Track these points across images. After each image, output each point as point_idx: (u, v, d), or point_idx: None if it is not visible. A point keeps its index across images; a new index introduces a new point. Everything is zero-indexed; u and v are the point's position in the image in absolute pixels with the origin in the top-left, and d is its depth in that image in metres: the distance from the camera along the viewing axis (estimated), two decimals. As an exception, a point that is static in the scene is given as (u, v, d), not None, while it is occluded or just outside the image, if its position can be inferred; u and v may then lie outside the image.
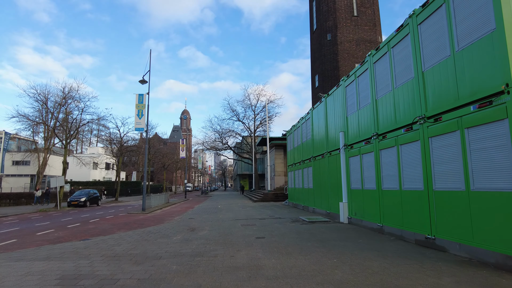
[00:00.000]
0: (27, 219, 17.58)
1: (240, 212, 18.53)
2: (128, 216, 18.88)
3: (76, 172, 60.74)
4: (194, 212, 20.00)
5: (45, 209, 24.64)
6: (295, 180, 22.13)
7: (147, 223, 14.62)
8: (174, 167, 77.00)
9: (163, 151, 65.83)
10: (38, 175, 45.03)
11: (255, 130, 50.83)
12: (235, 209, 20.90)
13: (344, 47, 36.46)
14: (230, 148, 55.59)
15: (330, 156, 14.81)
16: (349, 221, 12.54)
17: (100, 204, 30.84)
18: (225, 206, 24.76)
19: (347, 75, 13.01)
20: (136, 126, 23.37)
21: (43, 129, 34.73)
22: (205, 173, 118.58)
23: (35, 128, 36.76)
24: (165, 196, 31.74)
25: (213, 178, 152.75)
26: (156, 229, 12.10)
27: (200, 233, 10.76)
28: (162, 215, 19.31)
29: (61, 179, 26.18)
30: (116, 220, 16.44)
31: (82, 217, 18.27)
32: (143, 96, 23.59)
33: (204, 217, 16.45)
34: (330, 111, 15.09)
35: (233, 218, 15.29)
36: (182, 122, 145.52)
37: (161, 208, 25.32)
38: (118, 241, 9.42)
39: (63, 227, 13.38)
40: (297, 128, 21.67)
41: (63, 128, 29.67)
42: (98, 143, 75.58)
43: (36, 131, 38.65)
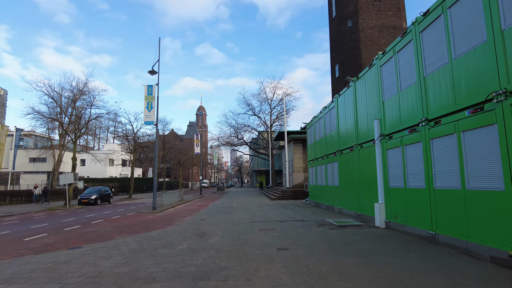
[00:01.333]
0: (27, 219, 16.37)
1: (257, 213, 16.74)
2: (136, 216, 17.42)
3: (92, 169, 60.62)
4: (208, 211, 18.37)
5: (53, 207, 23.59)
6: (317, 177, 20.15)
7: (153, 226, 13.04)
8: (190, 163, 76.02)
9: (178, 147, 64.84)
10: (54, 172, 44.81)
11: (272, 125, 48.94)
12: (252, 209, 19.14)
13: (366, 34, 34.01)
14: (246, 144, 53.93)
15: (361, 149, 12.79)
16: (387, 226, 10.54)
17: (112, 202, 29.74)
18: (240, 204, 23.05)
19: (383, 52, 10.95)
20: (145, 119, 21.89)
21: (58, 126, 34.00)
22: (221, 169, 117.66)
23: (50, 125, 36.11)
24: (179, 193, 30.35)
25: (229, 174, 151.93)
26: (160, 234, 10.46)
27: (210, 241, 9.03)
28: (173, 215, 17.76)
29: (70, 176, 25.08)
30: (121, 221, 14.96)
31: (86, 217, 16.91)
32: (152, 87, 22.08)
33: (217, 218, 14.75)
34: (360, 96, 13.04)
35: (249, 220, 13.52)
36: (198, 118, 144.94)
37: (173, 207, 23.88)
38: (111, 251, 7.79)
39: (59, 230, 11.95)
40: (318, 120, 19.65)
41: (73, 124, 28.61)
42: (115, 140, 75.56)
43: (51, 128, 38.08)
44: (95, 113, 32.54)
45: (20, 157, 46.55)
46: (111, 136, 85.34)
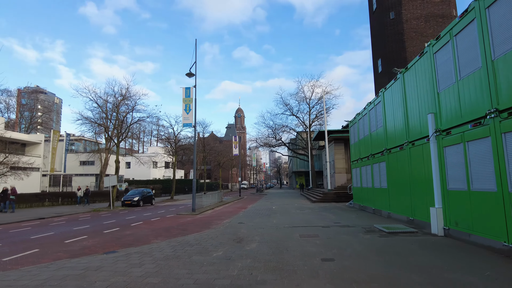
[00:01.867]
0: (73, 221, 16.90)
1: (297, 216, 15.92)
2: (176, 218, 17.35)
3: (137, 171, 63.04)
4: (246, 214, 17.86)
5: (98, 209, 24.43)
6: (361, 178, 18.88)
7: (191, 229, 12.73)
8: (229, 164, 76.58)
9: (217, 148, 65.51)
10: (101, 174, 47.07)
11: (310, 125, 47.62)
12: (292, 212, 18.34)
13: (411, 25, 31.80)
14: (284, 144, 53.03)
15: (412, 147, 11.54)
16: (446, 233, 9.27)
17: (154, 204, 30.35)
18: (280, 207, 22.31)
19: (437, 37, 9.70)
20: (184, 121, 21.96)
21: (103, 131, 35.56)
22: (260, 170, 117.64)
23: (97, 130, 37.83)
24: (218, 195, 30.28)
25: (268, 176, 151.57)
26: (197, 238, 10.05)
27: (248, 247, 8.43)
28: (211, 217, 17.47)
29: (114, 178, 25.88)
30: (160, 223, 14.88)
31: (126, 219, 17.12)
32: (190, 90, 22.09)
33: (255, 221, 14.16)
34: (410, 89, 11.79)
35: (289, 225, 12.76)
36: (237, 120, 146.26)
37: (212, 208, 23.73)
38: (144, 257, 7.45)
39: (99, 233, 12.01)
40: (362, 117, 18.40)
41: (116, 128, 29.60)
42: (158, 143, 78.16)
43: (98, 133, 39.95)
44: (136, 117, 33.46)
45: (71, 161, 49.56)
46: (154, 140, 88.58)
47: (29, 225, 15.23)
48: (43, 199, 27.63)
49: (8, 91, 53.70)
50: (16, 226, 15.10)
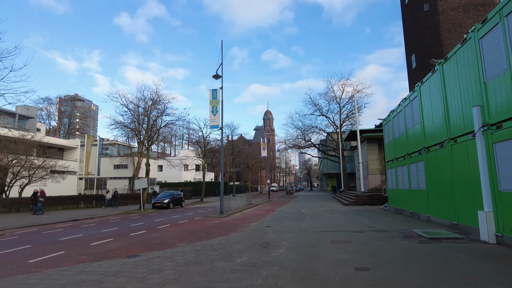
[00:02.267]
0: (103, 223, 17.11)
1: (328, 220, 15.14)
2: (203, 220, 17.12)
3: (169, 174, 64.32)
4: (275, 217, 17.29)
5: (129, 211, 24.81)
6: (397, 179, 17.73)
7: (217, 232, 12.37)
8: (258, 167, 76.33)
9: (246, 151, 65.43)
10: (134, 177, 48.33)
11: (341, 125, 46.19)
12: (322, 215, 17.54)
13: (447, 16, 29.90)
14: (314, 145, 51.83)
15: (454, 144, 10.50)
16: (499, 241, 8.22)
17: (184, 206, 30.50)
18: (310, 210, 21.53)
19: (482, 21, 8.70)
20: (211, 123, 21.80)
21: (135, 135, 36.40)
22: (290, 172, 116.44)
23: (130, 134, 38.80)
24: (247, 197, 29.92)
25: (298, 178, 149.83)
26: (221, 242, 9.64)
27: (274, 253, 7.88)
28: (239, 220, 17.08)
29: (144, 181, 26.23)
30: (187, 226, 14.66)
31: (155, 221, 17.10)
32: (216, 91, 21.92)
33: (284, 225, 13.56)
34: (450, 81, 10.75)
35: (319, 229, 12.06)
36: (265, 122, 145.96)
37: (241, 211, 23.37)
38: (165, 263, 7.12)
39: (125, 236, 11.93)
40: (397, 114, 17.30)
41: (146, 132, 30.07)
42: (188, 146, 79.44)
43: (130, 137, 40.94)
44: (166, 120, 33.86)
45: (105, 164, 51.33)
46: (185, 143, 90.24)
47: (61, 227, 15.56)
48: (78, 201, 28.57)
49: (49, 99, 56.87)
50: (50, 227, 15.47)
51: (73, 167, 41.64)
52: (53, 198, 26.42)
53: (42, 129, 46.15)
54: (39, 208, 22.24)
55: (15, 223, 17.20)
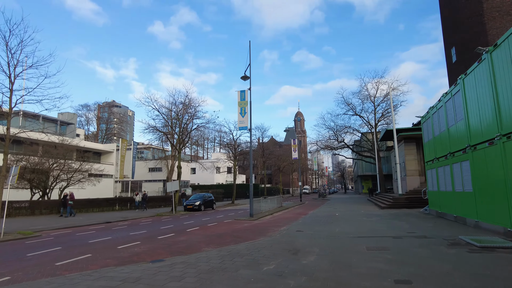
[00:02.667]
0: (134, 225, 17.27)
1: (363, 224, 14.24)
2: (232, 223, 16.80)
3: (201, 177, 65.16)
4: (306, 220, 16.61)
5: (161, 213, 25.09)
6: (438, 181, 16.41)
7: (245, 236, 11.95)
8: (290, 169, 75.41)
9: (276, 153, 64.73)
10: (167, 180, 49.37)
11: (376, 124, 44.34)
12: (357, 219, 16.60)
13: (493, 3, 27.64)
14: (348, 146, 50.12)
15: (507, 141, 9.35)
16: None
17: (215, 208, 30.49)
18: (343, 213, 20.58)
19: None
20: (239, 125, 21.56)
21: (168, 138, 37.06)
22: (322, 175, 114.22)
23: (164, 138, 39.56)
24: (278, 200, 29.35)
25: (331, 180, 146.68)
26: (249, 247, 9.20)
27: (304, 261, 7.31)
28: (269, 223, 16.58)
29: (176, 183, 26.47)
30: (215, 229, 14.38)
31: (184, 224, 17.01)
32: (244, 93, 21.63)
33: (315, 229, 12.88)
34: (502, 70, 9.61)
35: (353, 234, 11.27)
36: (296, 124, 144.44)
37: (271, 214, 22.87)
38: (187, 269, 6.78)
39: (153, 239, 11.82)
40: (437, 110, 16.03)
41: (177, 135, 30.40)
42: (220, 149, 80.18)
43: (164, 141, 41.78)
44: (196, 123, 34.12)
45: (140, 168, 52.91)
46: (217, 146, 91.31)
47: (94, 229, 15.86)
48: (113, 203, 29.41)
49: (87, 106, 59.65)
50: (83, 229, 15.82)
51: (108, 170, 43.17)
52: (89, 200, 27.37)
53: (81, 134, 48.45)
54: (69, 211, 22.39)
55: (53, 224, 17.84)
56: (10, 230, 15.03)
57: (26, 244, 11.54)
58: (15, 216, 22.33)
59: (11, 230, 15.05)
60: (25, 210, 23.19)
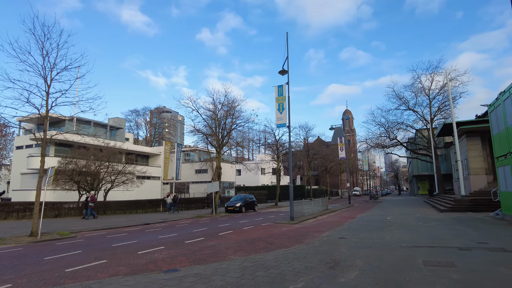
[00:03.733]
0: (169, 227, 16.75)
1: (420, 231, 12.19)
2: (269, 227, 15.57)
3: (247, 178, 64.88)
4: (352, 226, 14.83)
5: (201, 215, 24.64)
6: (514, 180, 13.71)
7: (279, 243, 10.66)
8: (338, 169, 72.20)
9: (322, 152, 62.13)
10: (212, 181, 49.57)
11: (432, 119, 40.39)
12: (412, 224, 14.45)
13: None
14: (401, 144, 46.39)
15: None
16: None
17: (257, 210, 29.47)
18: (396, 217, 18.35)
19: None
20: (277, 122, 20.28)
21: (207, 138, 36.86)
22: (374, 175, 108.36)
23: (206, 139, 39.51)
24: (323, 202, 27.51)
25: (384, 181, 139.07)
26: (279, 258, 7.92)
27: (342, 278, 5.87)
28: (309, 228, 15.09)
29: (216, 184, 25.88)
30: (250, 233, 13.25)
31: (219, 227, 16.12)
32: (282, 87, 20.37)
33: (361, 236, 11.19)
34: None
35: (408, 244, 9.44)
36: (344, 123, 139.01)
37: (315, 217, 21.26)
38: (197, 284, 5.70)
39: (179, 243, 10.97)
40: (510, 96, 13.41)
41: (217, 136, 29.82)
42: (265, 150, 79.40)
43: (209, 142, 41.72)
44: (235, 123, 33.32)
45: (187, 169, 53.80)
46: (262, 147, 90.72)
47: (128, 231, 15.58)
48: (157, 205, 29.68)
49: (137, 111, 62.16)
50: (118, 231, 15.60)
51: (155, 172, 44.18)
52: (133, 202, 27.84)
53: (130, 138, 50.43)
54: (90, 212, 21.90)
55: (94, 225, 17.99)
56: (52, 230, 15.33)
57: (55, 246, 11.36)
58: (64, 216, 23.25)
59: (53, 230, 15.32)
60: (74, 211, 24.03)
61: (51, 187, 25.58)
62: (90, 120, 40.71)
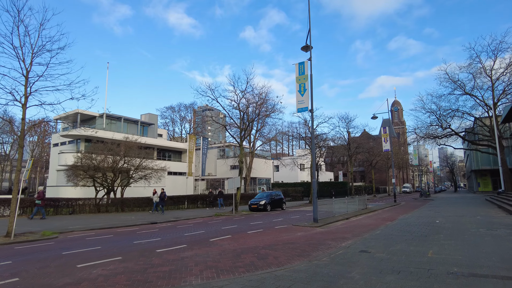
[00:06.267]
0: (167, 228, 14.53)
1: (482, 244, 8.56)
2: (283, 231, 12.71)
3: (286, 174, 62.09)
4: (387, 231, 11.45)
5: (221, 213, 22.34)
6: None
7: (274, 257, 7.80)
8: (385, 165, 66.38)
9: (365, 146, 57.13)
10: (246, 177, 47.45)
11: (496, 104, 34.24)
12: (470, 232, 10.66)
13: None
14: (457, 134, 40.36)
15: None
16: None
17: (285, 208, 26.54)
18: (448, 220, 14.47)
19: None
20: (298, 106, 17.17)
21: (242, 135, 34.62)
22: (427, 171, 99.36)
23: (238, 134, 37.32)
24: (360, 200, 23.85)
25: (438, 177, 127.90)
26: (252, 285, 5.15)
27: None
28: (331, 233, 12.00)
29: (237, 180, 23.46)
30: (249, 240, 10.48)
31: (221, 229, 13.48)
32: (304, 65, 17.26)
33: (393, 250, 7.94)
34: None
35: (462, 267, 6.09)
36: (393, 114, 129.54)
37: (347, 218, 18.01)
38: None
39: (145, 253, 8.50)
40: None
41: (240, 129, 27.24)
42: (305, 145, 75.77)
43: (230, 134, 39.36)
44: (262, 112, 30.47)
45: (221, 165, 52.34)
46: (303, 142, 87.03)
47: (124, 232, 13.64)
48: (181, 202, 28.04)
49: (172, 107, 61.77)
50: (102, 233, 13.70)
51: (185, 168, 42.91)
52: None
53: (164, 134, 49.85)
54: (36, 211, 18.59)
55: (97, 223, 16.36)
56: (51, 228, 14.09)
57: (14, 250, 9.59)
58: (79, 213, 22.22)
59: (52, 228, 14.09)
60: (89, 207, 22.98)
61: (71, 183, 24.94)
62: (121, 116, 40.46)
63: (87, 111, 40.34)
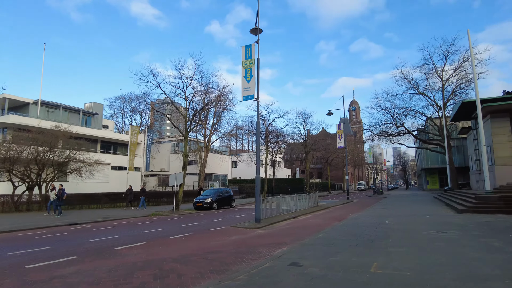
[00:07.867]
0: (78, 232, 12.16)
1: (434, 251, 7.29)
2: (216, 234, 10.89)
3: (244, 171, 60.58)
4: (331, 234, 10.03)
5: (159, 212, 20.05)
6: None
7: (176, 275, 5.95)
8: (342, 162, 67.04)
9: (322, 143, 57.02)
10: (200, 173, 45.08)
11: (445, 104, 34.97)
12: (421, 236, 9.47)
13: None
14: (409, 132, 40.97)
15: None
16: None
17: (234, 206, 24.76)
18: (399, 220, 13.47)
19: None
20: (243, 93, 15.36)
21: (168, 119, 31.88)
22: (381, 169, 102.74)
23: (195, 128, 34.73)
24: (311, 197, 22.70)
25: (391, 175, 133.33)
26: None
27: None
28: (270, 237, 10.38)
29: (180, 175, 21.28)
30: (165, 249, 8.54)
31: (142, 233, 11.40)
32: (250, 48, 15.49)
33: (331, 261, 6.40)
34: None
35: (412, 283, 4.63)
36: (351, 114, 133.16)
37: (294, 217, 16.65)
38: None
39: (17, 270, 6.34)
40: None
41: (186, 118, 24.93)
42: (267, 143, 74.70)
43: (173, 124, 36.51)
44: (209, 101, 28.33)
45: (173, 160, 49.47)
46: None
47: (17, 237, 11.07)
48: (115, 199, 25.10)
49: (122, 97, 57.54)
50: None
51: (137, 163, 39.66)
52: (87, 195, 23.33)
53: (110, 125, 45.95)
54: None
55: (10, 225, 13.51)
56: None
57: None
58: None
59: None
60: (3, 206, 19.67)
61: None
62: (59, 104, 36.36)
63: (18, 96, 35.89)
